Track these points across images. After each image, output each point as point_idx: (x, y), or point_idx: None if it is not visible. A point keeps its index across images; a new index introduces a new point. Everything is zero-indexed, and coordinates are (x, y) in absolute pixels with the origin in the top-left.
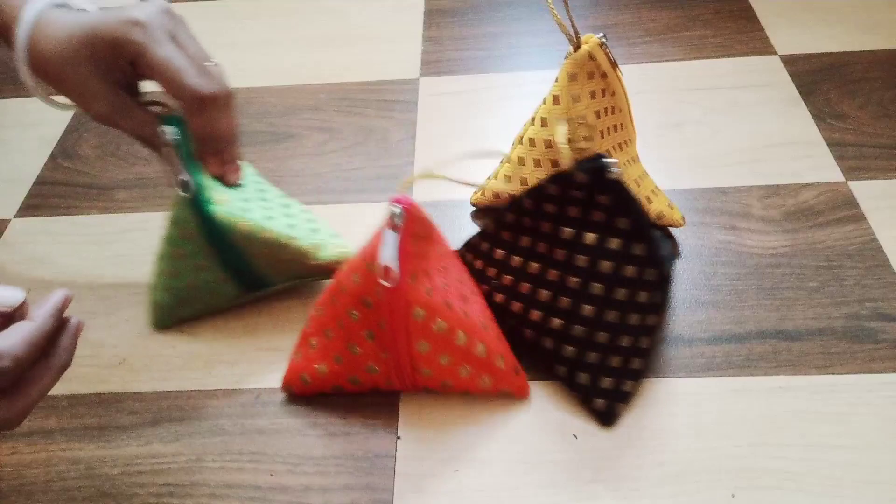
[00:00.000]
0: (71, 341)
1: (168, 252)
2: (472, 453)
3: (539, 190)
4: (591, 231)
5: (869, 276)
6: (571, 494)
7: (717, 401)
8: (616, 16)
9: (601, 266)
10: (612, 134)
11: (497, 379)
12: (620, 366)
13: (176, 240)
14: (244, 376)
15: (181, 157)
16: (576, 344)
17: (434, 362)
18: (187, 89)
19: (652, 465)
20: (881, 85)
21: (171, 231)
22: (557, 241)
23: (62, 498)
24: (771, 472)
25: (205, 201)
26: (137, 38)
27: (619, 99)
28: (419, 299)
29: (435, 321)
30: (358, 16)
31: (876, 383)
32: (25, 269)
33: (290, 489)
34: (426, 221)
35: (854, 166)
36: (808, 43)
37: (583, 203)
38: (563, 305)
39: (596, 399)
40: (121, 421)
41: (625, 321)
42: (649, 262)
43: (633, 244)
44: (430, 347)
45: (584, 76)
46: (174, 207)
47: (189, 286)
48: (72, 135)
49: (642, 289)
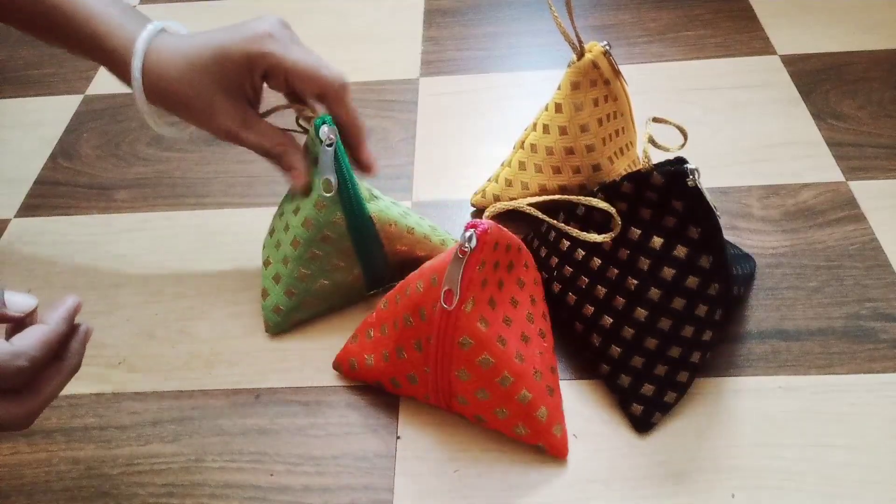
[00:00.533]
0: (81, 346)
1: (300, 255)
2: (472, 453)
3: (613, 186)
4: (660, 235)
5: (869, 276)
6: (572, 494)
7: (717, 401)
8: (616, 16)
9: (663, 272)
10: (615, 139)
11: (535, 432)
12: (665, 375)
13: (313, 241)
14: (244, 376)
15: (336, 156)
16: (623, 345)
17: (471, 394)
18: (330, 80)
19: (652, 464)
20: (881, 85)
21: (309, 233)
22: (623, 240)
23: (62, 498)
24: (771, 472)
25: (360, 199)
26: (272, 48)
27: (621, 104)
28: (470, 329)
29: (481, 355)
30: (358, 16)
31: (876, 383)
32: (25, 269)
33: (290, 489)
34: (513, 250)
35: (854, 166)
36: (808, 43)
37: (656, 206)
38: (616, 305)
39: (634, 404)
40: (121, 421)
41: (678, 331)
42: (715, 276)
43: (701, 255)
44: (469, 378)
45: (587, 84)
46: (315, 210)
47: (318, 288)
48: (72, 135)
49: (703, 302)
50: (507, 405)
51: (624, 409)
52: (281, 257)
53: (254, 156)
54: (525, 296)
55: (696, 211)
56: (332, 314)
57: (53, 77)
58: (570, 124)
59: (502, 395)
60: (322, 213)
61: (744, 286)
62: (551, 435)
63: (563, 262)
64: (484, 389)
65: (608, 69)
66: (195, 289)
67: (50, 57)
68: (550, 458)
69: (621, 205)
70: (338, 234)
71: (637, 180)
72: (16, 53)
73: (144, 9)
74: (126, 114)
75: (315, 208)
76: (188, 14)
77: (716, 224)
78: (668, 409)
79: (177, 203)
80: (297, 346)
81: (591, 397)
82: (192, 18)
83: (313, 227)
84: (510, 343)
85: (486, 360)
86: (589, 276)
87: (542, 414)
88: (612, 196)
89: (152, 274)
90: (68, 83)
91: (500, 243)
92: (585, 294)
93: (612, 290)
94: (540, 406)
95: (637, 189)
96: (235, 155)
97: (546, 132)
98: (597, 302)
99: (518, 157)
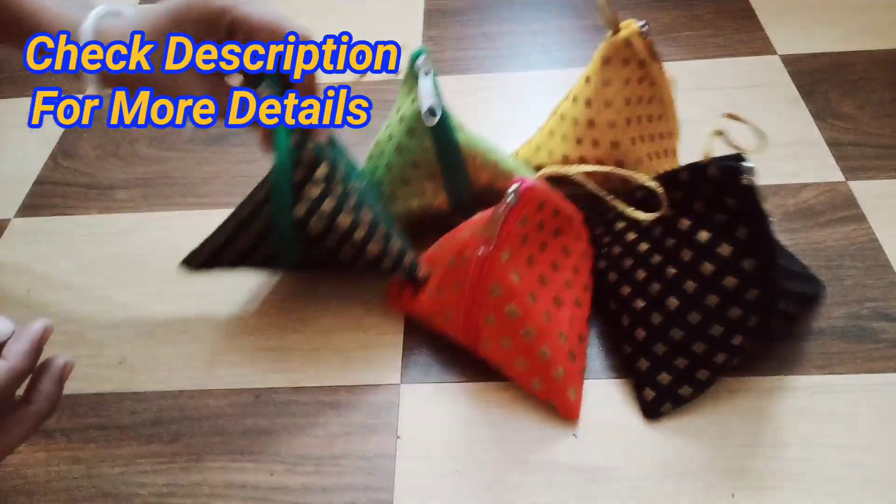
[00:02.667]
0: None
1: (392, 178)
2: (472, 453)
3: (672, 175)
4: (708, 230)
5: (869, 276)
6: (571, 494)
7: (717, 401)
8: None
9: (703, 266)
10: (644, 123)
11: (549, 388)
12: (685, 368)
13: (405, 166)
14: (244, 376)
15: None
16: (649, 330)
17: (496, 341)
18: (299, 30)
19: (652, 464)
20: (881, 85)
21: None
22: (673, 230)
23: (62, 498)
24: (771, 472)
25: (451, 128)
26: (232, 2)
27: (658, 90)
28: (502, 278)
29: (509, 304)
30: (358, 16)
31: (876, 383)
32: (25, 269)
33: (290, 489)
34: (562, 216)
35: (854, 166)
36: (808, 43)
37: (710, 200)
38: (652, 290)
39: (648, 388)
40: (121, 421)
41: (705, 328)
42: (756, 281)
43: (745, 258)
44: (496, 325)
45: (619, 61)
46: (407, 137)
47: (406, 210)
48: (72, 135)
49: (737, 305)
50: (526, 357)
51: (637, 392)
52: (378, 180)
53: (254, 155)
54: (569, 263)
55: (746, 211)
56: (334, 313)
57: (53, 77)
58: (595, 97)
59: (524, 347)
60: (413, 140)
61: (797, 305)
62: (565, 396)
63: (613, 242)
64: (508, 338)
65: (644, 50)
66: (195, 289)
67: None
68: (551, 458)
69: (677, 194)
70: (427, 161)
71: (695, 171)
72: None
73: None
74: None
75: (407, 136)
76: None
77: (765, 228)
78: (681, 402)
79: (177, 203)
80: (297, 346)
81: (591, 397)
82: None
83: (405, 152)
84: (540, 301)
85: (514, 310)
86: (634, 258)
87: (559, 374)
88: (670, 184)
89: (152, 274)
90: (68, 83)
91: (547, 205)
92: (626, 275)
93: (651, 276)
94: (558, 366)
95: (694, 180)
96: (235, 155)
97: (574, 102)
98: (635, 284)
99: (549, 125)
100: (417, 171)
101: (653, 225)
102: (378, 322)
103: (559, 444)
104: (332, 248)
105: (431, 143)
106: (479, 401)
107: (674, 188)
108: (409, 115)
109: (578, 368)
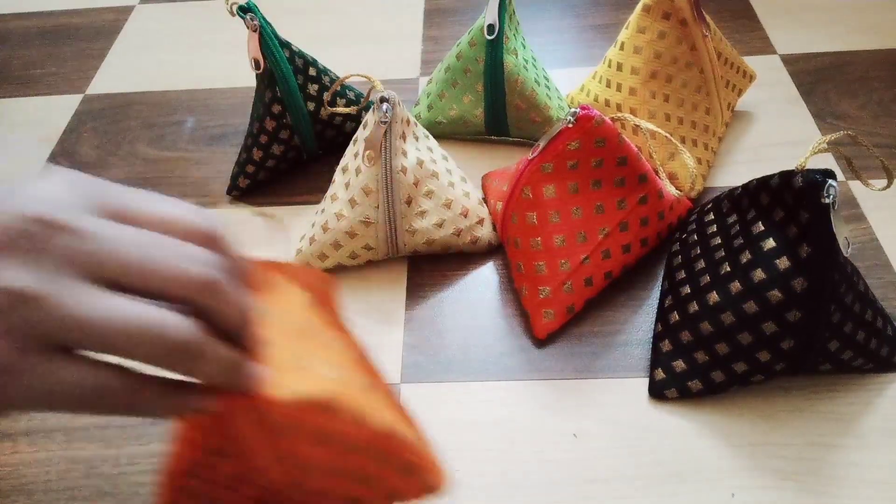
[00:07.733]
0: None
1: (446, 78)
2: (471, 453)
3: (766, 179)
4: (776, 240)
5: (869, 276)
6: (571, 494)
7: (717, 400)
8: (616, 16)
9: (755, 272)
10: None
11: (530, 299)
12: (702, 364)
13: (458, 71)
14: None
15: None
16: (682, 316)
17: (514, 239)
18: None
19: (652, 464)
20: (881, 85)
21: (458, 63)
22: (746, 231)
23: (62, 498)
24: (771, 472)
25: (501, 47)
26: None
27: (700, 57)
28: (535, 185)
29: (531, 211)
30: (358, 15)
31: (876, 383)
32: None
33: None
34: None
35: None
36: (808, 43)
37: (791, 210)
38: (701, 281)
39: (659, 369)
40: (121, 420)
41: (733, 332)
42: (802, 304)
43: (797, 276)
44: (516, 224)
45: (659, 13)
46: (468, 46)
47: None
48: (72, 135)
49: (774, 321)
50: (524, 263)
51: (650, 369)
52: (436, 78)
53: None
54: (618, 215)
55: (815, 229)
56: None
57: (53, 77)
58: (628, 41)
59: (527, 254)
60: (472, 50)
61: (851, 350)
62: (540, 314)
63: (696, 229)
64: (519, 240)
65: (688, 10)
66: None
67: (50, 57)
68: (550, 458)
69: (765, 198)
70: (476, 71)
71: (784, 178)
72: (16, 53)
73: (144, 9)
74: (126, 113)
75: (469, 45)
76: (189, 13)
77: (827, 252)
78: (688, 395)
79: None
80: None
81: (591, 397)
82: (193, 17)
83: (462, 59)
84: (562, 226)
85: (531, 218)
86: (703, 249)
87: (544, 292)
88: (761, 188)
89: None
90: (68, 83)
91: (609, 144)
92: (688, 262)
93: (707, 268)
94: (546, 285)
95: (781, 187)
96: (235, 155)
97: (614, 46)
98: (690, 272)
99: (598, 68)
100: (466, 78)
101: (734, 224)
102: (378, 322)
103: (559, 444)
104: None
105: (485, 57)
106: (479, 401)
107: (764, 192)
108: (475, 28)
109: (566, 300)
